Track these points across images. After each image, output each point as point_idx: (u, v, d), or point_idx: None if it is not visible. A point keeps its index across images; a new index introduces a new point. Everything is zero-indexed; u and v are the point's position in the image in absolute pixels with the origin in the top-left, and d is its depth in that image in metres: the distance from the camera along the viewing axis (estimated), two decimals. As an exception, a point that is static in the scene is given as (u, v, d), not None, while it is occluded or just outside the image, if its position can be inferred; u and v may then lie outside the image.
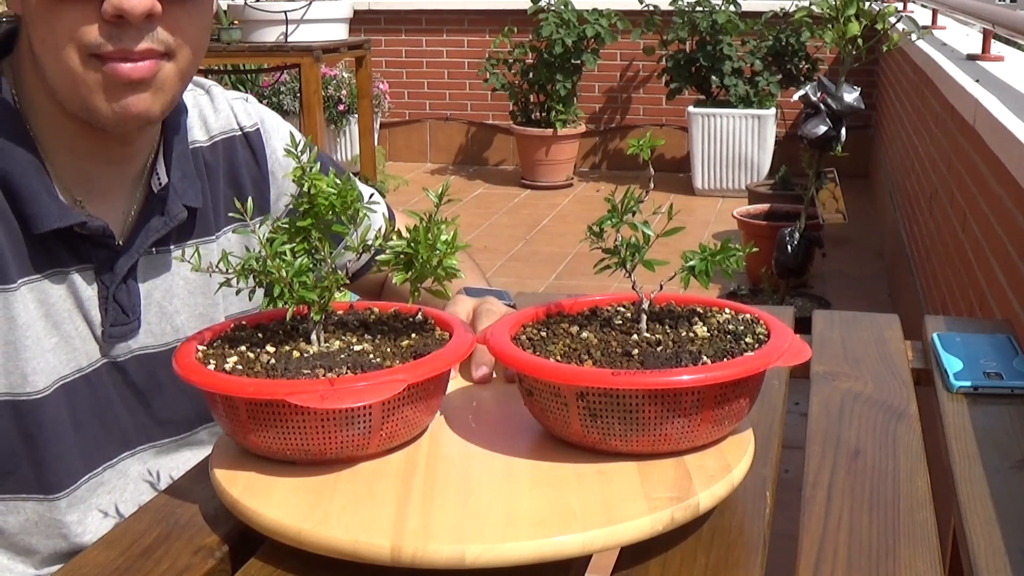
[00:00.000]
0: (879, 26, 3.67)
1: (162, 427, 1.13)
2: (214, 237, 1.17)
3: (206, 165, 1.17)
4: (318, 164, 0.90)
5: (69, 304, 1.05)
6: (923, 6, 5.10)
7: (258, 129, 1.23)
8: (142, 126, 1.04)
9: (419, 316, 0.98)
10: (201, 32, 1.04)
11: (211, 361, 0.88)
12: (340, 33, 4.83)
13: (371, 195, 1.33)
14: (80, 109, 1.00)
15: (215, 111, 1.20)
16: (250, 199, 0.96)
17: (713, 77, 6.25)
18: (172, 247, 1.12)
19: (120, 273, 1.06)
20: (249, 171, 1.21)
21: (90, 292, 1.06)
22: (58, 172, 1.05)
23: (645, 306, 0.92)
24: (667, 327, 0.92)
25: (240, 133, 1.21)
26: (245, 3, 4.65)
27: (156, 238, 1.10)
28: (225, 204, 1.18)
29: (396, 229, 0.90)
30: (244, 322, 0.96)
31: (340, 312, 0.98)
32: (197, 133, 1.18)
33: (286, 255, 0.87)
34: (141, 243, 1.08)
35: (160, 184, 1.10)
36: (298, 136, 1.01)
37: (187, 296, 1.14)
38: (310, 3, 4.60)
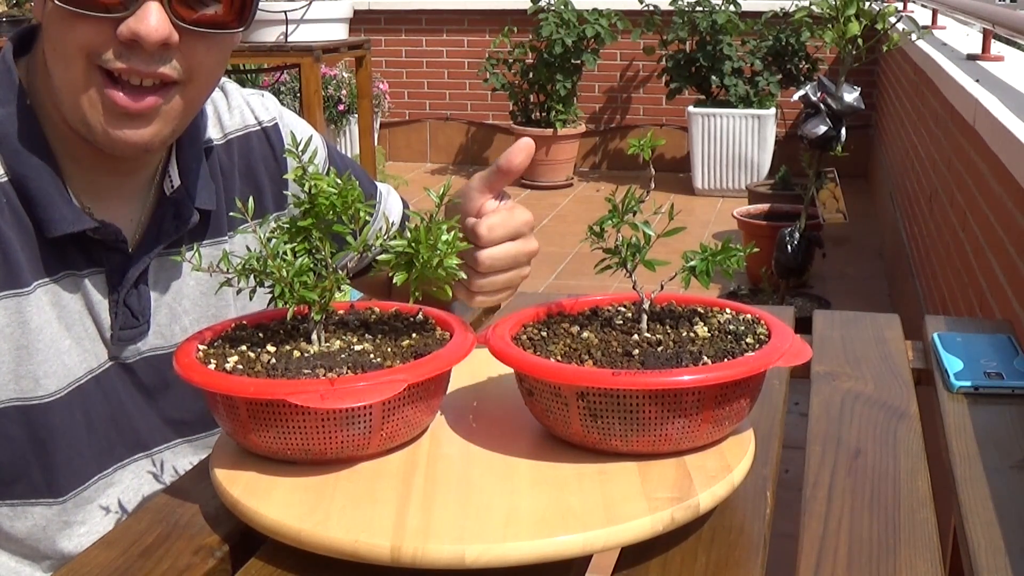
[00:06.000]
0: (879, 26, 3.67)
1: (176, 428, 1.12)
2: (227, 237, 1.15)
3: (220, 165, 1.15)
4: (319, 164, 0.89)
5: (79, 306, 1.04)
6: (923, 6, 5.10)
7: (276, 124, 1.21)
8: (139, 155, 1.03)
9: (419, 316, 0.98)
10: (217, 67, 1.03)
11: (211, 361, 0.88)
12: (340, 33, 4.83)
13: (377, 191, 1.32)
14: (79, 124, 0.99)
15: (229, 109, 1.19)
16: (251, 200, 0.95)
17: (713, 77, 6.25)
18: (184, 248, 1.10)
19: (131, 278, 1.05)
20: (267, 166, 1.20)
21: (100, 296, 1.05)
22: (69, 177, 1.04)
23: (646, 306, 0.92)
24: (668, 327, 0.92)
25: (258, 128, 1.20)
26: (245, 3, 4.63)
27: (168, 242, 1.08)
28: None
29: (398, 229, 0.90)
30: (245, 322, 0.96)
31: (341, 312, 0.98)
32: (211, 131, 1.16)
33: (286, 255, 0.87)
34: (153, 247, 1.07)
35: (172, 187, 1.09)
36: (311, 133, 0.98)
37: (198, 297, 1.13)
38: (310, 3, 4.59)
